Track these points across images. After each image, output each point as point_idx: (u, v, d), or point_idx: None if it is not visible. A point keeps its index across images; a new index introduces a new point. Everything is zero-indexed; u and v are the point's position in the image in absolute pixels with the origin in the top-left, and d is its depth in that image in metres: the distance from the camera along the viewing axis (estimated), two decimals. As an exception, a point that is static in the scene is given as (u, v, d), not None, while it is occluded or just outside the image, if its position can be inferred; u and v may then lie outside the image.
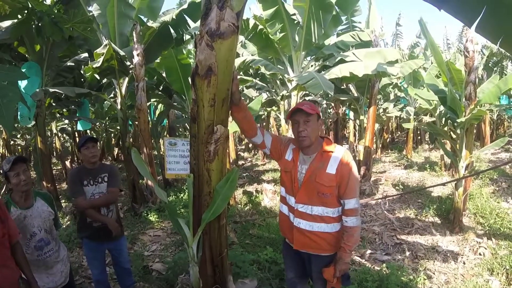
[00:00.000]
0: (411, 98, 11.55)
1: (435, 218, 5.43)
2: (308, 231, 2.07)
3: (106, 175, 2.87)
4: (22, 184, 2.13)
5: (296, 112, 2.01)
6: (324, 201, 2.02)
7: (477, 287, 3.32)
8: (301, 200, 2.06)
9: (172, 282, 3.43)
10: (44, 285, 2.22)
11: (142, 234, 4.97)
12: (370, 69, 5.07)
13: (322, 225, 2.05)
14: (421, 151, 13.32)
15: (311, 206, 2.04)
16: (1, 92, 1.67)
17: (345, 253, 2.02)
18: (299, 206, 2.07)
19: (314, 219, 2.05)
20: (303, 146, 2.06)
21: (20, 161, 2.15)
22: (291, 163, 2.14)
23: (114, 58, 5.16)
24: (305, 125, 1.99)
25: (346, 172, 1.98)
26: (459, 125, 4.76)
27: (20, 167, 2.12)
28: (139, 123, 5.86)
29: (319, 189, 2.00)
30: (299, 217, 2.09)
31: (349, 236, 2.01)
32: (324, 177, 1.98)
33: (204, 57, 1.82)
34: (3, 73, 1.69)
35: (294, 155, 2.14)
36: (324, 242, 2.08)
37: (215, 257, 2.36)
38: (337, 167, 1.98)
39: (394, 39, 17.42)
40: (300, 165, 2.10)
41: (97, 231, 2.78)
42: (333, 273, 2.03)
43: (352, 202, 2.00)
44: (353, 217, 2.01)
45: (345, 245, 2.02)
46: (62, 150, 12.99)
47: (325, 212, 2.04)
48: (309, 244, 2.11)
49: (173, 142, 2.90)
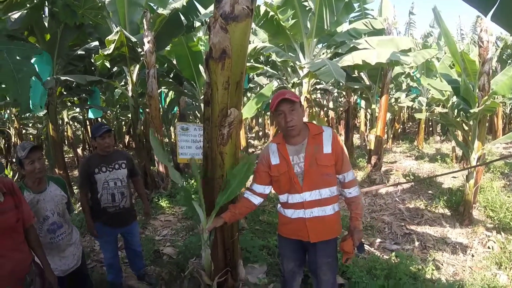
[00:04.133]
0: (423, 88, 11.37)
1: (445, 209, 5.39)
2: (321, 217, 2.08)
3: (124, 162, 2.89)
4: (37, 172, 2.13)
5: (280, 102, 1.96)
6: (328, 182, 2.06)
7: (485, 280, 3.30)
8: (308, 188, 2.05)
9: (182, 266, 3.47)
10: (56, 267, 2.25)
11: (153, 219, 5.04)
12: (383, 57, 4.98)
13: (333, 205, 2.11)
14: (433, 142, 13.16)
15: (319, 190, 2.05)
16: (16, 67, 1.69)
17: (357, 221, 2.12)
18: (307, 196, 2.06)
19: (325, 203, 2.07)
20: (292, 135, 2.04)
21: (36, 149, 2.15)
22: (283, 164, 2.09)
23: (125, 45, 5.17)
24: (291, 114, 1.96)
25: (339, 148, 2.05)
26: (472, 116, 4.68)
27: (35, 155, 2.13)
28: (150, 110, 5.89)
29: (323, 170, 2.02)
30: (310, 206, 2.07)
31: (356, 205, 2.14)
32: (324, 158, 2.01)
33: (218, 40, 1.81)
34: (17, 49, 1.71)
35: (282, 152, 2.09)
36: (336, 223, 2.15)
37: (227, 240, 2.40)
38: (332, 145, 2.03)
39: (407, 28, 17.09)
40: (293, 157, 2.07)
41: (111, 217, 2.82)
42: (352, 244, 2.10)
43: (350, 173, 2.11)
44: (355, 187, 2.13)
45: (356, 214, 2.13)
46: (74, 138, 13.18)
47: (331, 192, 2.08)
48: (325, 231, 2.13)
49: (185, 127, 2.94)
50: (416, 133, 13.31)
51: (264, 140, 15.95)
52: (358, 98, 10.82)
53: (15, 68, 1.68)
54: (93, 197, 2.82)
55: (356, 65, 5.15)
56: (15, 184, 1.85)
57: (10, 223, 1.73)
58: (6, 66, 1.67)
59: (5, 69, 1.67)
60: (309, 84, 5.71)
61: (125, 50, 5.29)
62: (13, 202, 1.78)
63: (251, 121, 20.07)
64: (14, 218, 1.76)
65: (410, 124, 19.48)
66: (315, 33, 5.40)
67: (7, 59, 1.64)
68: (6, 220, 1.71)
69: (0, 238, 1.69)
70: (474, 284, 3.24)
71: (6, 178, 1.85)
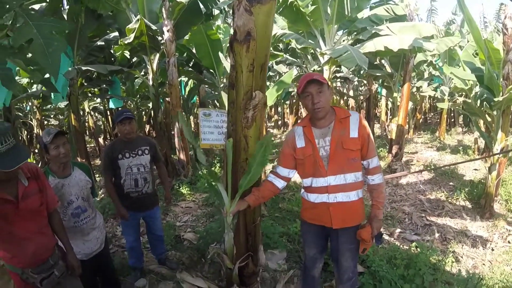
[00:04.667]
0: (446, 78, 11.00)
1: (466, 202, 5.29)
2: (345, 202, 2.06)
3: (147, 148, 2.92)
4: (61, 157, 2.15)
5: (308, 84, 1.94)
6: (354, 166, 2.04)
7: (504, 275, 3.23)
8: (333, 172, 2.03)
9: (203, 251, 3.53)
10: (79, 251, 2.28)
11: (174, 205, 5.14)
12: (405, 44, 4.84)
13: (357, 191, 2.09)
14: (454, 133, 12.79)
15: (343, 174, 2.03)
16: (47, 42, 1.73)
17: (378, 210, 2.09)
18: (332, 180, 2.03)
19: (350, 188, 2.05)
20: (319, 118, 2.02)
21: (61, 134, 2.17)
22: (308, 146, 2.08)
23: (144, 34, 5.21)
24: (319, 96, 1.94)
25: (366, 133, 2.03)
26: (496, 105, 4.52)
27: (60, 140, 2.14)
28: (171, 98, 5.94)
29: (348, 155, 2.01)
30: (335, 191, 2.05)
31: (378, 193, 2.10)
32: (350, 142, 1.99)
33: (242, 23, 1.80)
34: (48, 24, 1.75)
35: (308, 135, 2.07)
36: (359, 210, 2.13)
37: (249, 225, 2.42)
38: (358, 130, 2.00)
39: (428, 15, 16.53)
40: (319, 140, 2.05)
41: (133, 202, 2.88)
42: (371, 232, 2.07)
43: (375, 160, 2.08)
44: (379, 174, 2.09)
45: (377, 202, 2.10)
46: (95, 128, 13.49)
47: (356, 177, 2.06)
48: (349, 218, 2.11)
49: (207, 113, 2.95)
50: (437, 124, 12.96)
51: (283, 129, 15.90)
52: (379, 86, 10.59)
53: (46, 42, 1.72)
54: (116, 182, 2.87)
55: (378, 52, 5.02)
56: (39, 169, 1.89)
57: (35, 207, 1.78)
58: (36, 40, 1.72)
59: (35, 43, 1.73)
60: (329, 71, 5.61)
61: (145, 39, 5.33)
62: (37, 186, 1.83)
63: (270, 110, 20.00)
64: (38, 202, 1.81)
65: (432, 114, 18.95)
66: (336, 19, 5.29)
67: (37, 35, 1.69)
68: (31, 204, 1.76)
69: (24, 221, 1.74)
70: (493, 278, 3.18)
71: (31, 164, 1.89)
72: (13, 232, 1.71)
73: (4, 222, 1.67)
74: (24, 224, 1.74)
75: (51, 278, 1.83)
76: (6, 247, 1.73)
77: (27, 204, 1.73)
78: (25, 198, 1.73)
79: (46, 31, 1.73)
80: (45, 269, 1.82)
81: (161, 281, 3.06)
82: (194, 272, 3.17)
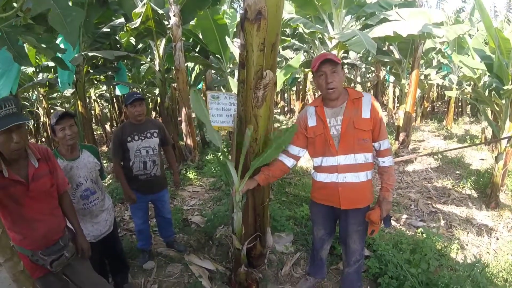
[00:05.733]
0: (454, 66, 10.83)
1: (472, 191, 5.28)
2: (355, 183, 2.07)
3: (156, 131, 2.93)
4: (68, 139, 2.13)
5: (322, 63, 1.94)
6: (364, 147, 2.04)
7: (508, 264, 3.25)
8: (343, 151, 2.04)
9: (210, 234, 3.56)
10: (89, 233, 2.28)
11: (181, 190, 5.18)
12: (414, 29, 4.75)
13: (366, 172, 2.09)
14: (462, 123, 12.66)
15: (354, 154, 2.04)
16: (65, 13, 1.78)
17: (388, 192, 2.10)
18: (342, 159, 2.05)
19: (360, 168, 2.06)
20: (332, 98, 2.03)
21: (68, 116, 2.14)
22: (319, 125, 2.10)
23: (151, 19, 5.18)
24: (333, 76, 1.95)
25: (378, 114, 2.03)
26: (505, 94, 4.47)
27: (67, 121, 2.12)
28: (178, 83, 5.93)
29: (359, 135, 2.01)
30: (344, 171, 2.06)
31: (388, 175, 2.11)
32: (362, 122, 2.00)
33: (253, 1, 1.79)
34: None
35: (320, 114, 2.09)
36: (369, 191, 2.13)
37: (257, 205, 2.44)
38: (370, 111, 2.01)
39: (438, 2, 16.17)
40: (330, 119, 2.07)
41: (142, 184, 2.90)
42: (380, 214, 2.08)
43: (386, 142, 2.08)
44: (389, 157, 2.10)
45: (387, 185, 2.10)
46: (102, 115, 13.55)
47: (366, 158, 2.06)
48: (357, 199, 2.12)
49: (215, 95, 2.95)
50: (445, 113, 12.83)
51: (290, 115, 15.84)
52: (387, 73, 10.46)
53: (63, 13, 1.77)
54: (125, 165, 2.88)
55: (386, 37, 4.95)
56: (49, 150, 1.89)
57: (45, 188, 1.79)
58: (54, 11, 1.77)
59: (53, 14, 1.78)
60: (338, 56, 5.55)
61: (151, 24, 5.30)
62: (47, 168, 1.83)
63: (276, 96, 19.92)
64: (49, 183, 1.81)
65: (439, 103, 18.75)
66: (344, 3, 5.22)
67: (54, 5, 1.72)
68: (41, 185, 1.76)
69: (35, 202, 1.74)
70: (497, 266, 3.20)
71: (41, 145, 1.88)
72: (23, 213, 1.71)
73: (15, 203, 1.67)
74: (34, 206, 1.74)
75: (61, 260, 1.84)
76: (17, 228, 1.73)
77: (37, 185, 1.73)
78: (35, 180, 1.73)
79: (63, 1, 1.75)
80: (55, 250, 1.83)
81: (169, 263, 3.10)
82: (201, 254, 3.22)
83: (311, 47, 7.91)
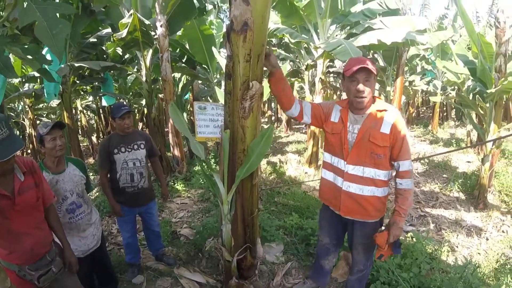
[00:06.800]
0: (438, 72, 11.12)
1: (459, 193, 5.38)
2: (357, 195, 2.00)
3: (143, 143, 2.90)
4: (57, 149, 2.12)
5: (359, 70, 1.86)
6: (377, 162, 1.94)
7: (500, 263, 3.30)
8: (353, 161, 1.98)
9: (200, 246, 3.52)
10: (76, 248, 2.25)
11: (169, 202, 5.12)
12: (398, 37, 4.85)
13: (372, 188, 1.98)
14: (447, 127, 12.94)
15: (363, 167, 1.96)
16: (51, 24, 1.78)
17: (399, 217, 1.95)
18: (350, 168, 1.99)
19: (365, 182, 1.98)
20: (358, 107, 1.96)
21: (58, 126, 2.14)
22: (339, 125, 2.05)
23: (138, 30, 5.16)
24: (365, 85, 1.88)
25: (400, 132, 1.90)
26: (489, 97, 4.60)
27: (57, 132, 2.12)
28: (165, 94, 5.90)
29: (373, 149, 1.93)
30: (349, 180, 2.01)
31: (403, 199, 1.95)
32: (378, 137, 1.91)
33: (239, 12, 1.79)
34: (52, 8, 1.78)
35: (342, 116, 2.05)
36: (372, 207, 2.03)
37: (247, 216, 2.41)
38: (391, 127, 1.90)
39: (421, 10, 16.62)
40: (351, 125, 2.01)
41: (129, 197, 2.85)
42: (387, 238, 1.96)
43: (407, 163, 1.94)
44: (408, 179, 1.95)
45: (399, 209, 1.95)
46: (88, 126, 13.35)
47: (376, 175, 1.96)
48: (357, 210, 2.05)
49: (202, 106, 2.94)
50: (430, 118, 13.11)
51: (277, 124, 15.89)
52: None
53: (50, 25, 1.76)
54: (111, 177, 2.84)
55: (371, 45, 5.04)
56: (35, 163, 1.86)
57: (31, 201, 1.76)
58: (41, 23, 1.75)
59: (40, 26, 1.77)
60: (323, 65, 5.63)
61: (138, 34, 5.28)
62: (33, 181, 1.80)
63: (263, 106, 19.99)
64: (34, 197, 1.78)
65: (424, 108, 19.15)
66: (329, 13, 5.30)
67: (40, 17, 1.71)
68: (27, 199, 1.73)
69: (22, 216, 1.72)
70: (489, 266, 3.23)
71: (26, 157, 1.86)
72: (10, 227, 1.68)
73: (1, 217, 1.64)
74: (21, 219, 1.72)
75: (48, 275, 1.81)
76: (3, 243, 1.70)
77: (23, 199, 1.71)
78: (21, 193, 1.70)
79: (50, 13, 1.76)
80: (43, 265, 1.80)
81: (159, 277, 3.04)
82: (192, 267, 3.17)
83: (297, 56, 8.01)
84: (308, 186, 5.54)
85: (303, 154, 7.66)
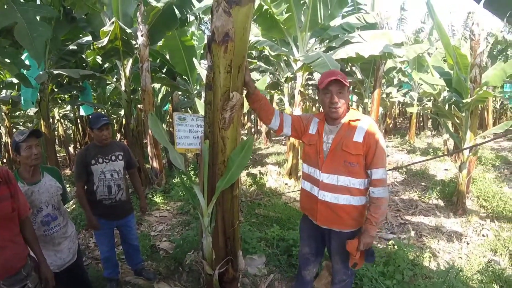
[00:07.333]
0: (415, 84, 11.51)
1: (438, 200, 5.51)
2: (333, 204, 2.01)
3: (121, 154, 2.85)
4: (33, 158, 2.06)
5: (331, 82, 1.93)
6: (351, 171, 1.96)
7: (481, 266, 3.38)
8: (327, 170, 2.01)
9: (180, 260, 3.44)
10: (52, 262, 2.17)
11: (148, 215, 4.99)
12: (376, 50, 4.98)
13: (347, 197, 1.99)
14: (424, 137, 13.35)
15: (337, 175, 1.98)
16: (31, 27, 1.76)
17: (371, 225, 1.93)
18: (325, 177, 2.02)
19: (340, 191, 1.99)
20: (333, 118, 2.03)
21: (35, 135, 2.09)
22: (315, 136, 2.12)
23: (118, 38, 5.10)
24: (338, 97, 1.95)
25: (373, 140, 1.93)
26: (464, 106, 4.77)
27: (33, 140, 2.06)
28: (144, 104, 5.82)
29: (346, 157, 1.95)
30: (325, 189, 2.03)
31: (376, 207, 1.94)
32: (351, 145, 1.94)
33: (221, 24, 1.80)
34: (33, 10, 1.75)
35: (319, 127, 2.12)
36: (348, 216, 2.02)
37: (228, 228, 2.37)
38: (364, 135, 1.93)
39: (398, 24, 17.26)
40: (325, 135, 2.07)
41: (107, 209, 2.78)
42: (357, 246, 1.95)
43: (380, 172, 1.94)
44: (380, 188, 1.94)
45: (371, 217, 1.93)
46: (65, 136, 12.98)
47: (351, 183, 1.98)
48: (333, 219, 2.05)
49: (182, 117, 2.91)
50: (407, 128, 13.51)
51: (257, 136, 15.93)
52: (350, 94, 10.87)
53: (30, 27, 1.75)
54: (89, 189, 2.77)
55: (349, 58, 5.16)
56: (10, 173, 1.78)
57: (6, 213, 1.68)
58: (21, 24, 1.74)
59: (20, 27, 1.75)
60: (303, 77, 5.72)
61: (119, 43, 5.22)
62: (8, 191, 1.72)
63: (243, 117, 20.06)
64: (10, 208, 1.70)
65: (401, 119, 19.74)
66: (309, 26, 5.42)
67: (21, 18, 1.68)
68: (2, 209, 1.65)
69: None
70: (471, 269, 3.30)
71: (1, 167, 1.78)
72: None
73: None
74: None
75: None
76: None
77: None
78: None
79: (31, 16, 1.75)
80: (18, 280, 1.72)
81: (138, 292, 2.94)
82: (172, 282, 3.09)
83: (277, 69, 8.13)
84: (288, 197, 5.55)
85: (283, 166, 7.68)
